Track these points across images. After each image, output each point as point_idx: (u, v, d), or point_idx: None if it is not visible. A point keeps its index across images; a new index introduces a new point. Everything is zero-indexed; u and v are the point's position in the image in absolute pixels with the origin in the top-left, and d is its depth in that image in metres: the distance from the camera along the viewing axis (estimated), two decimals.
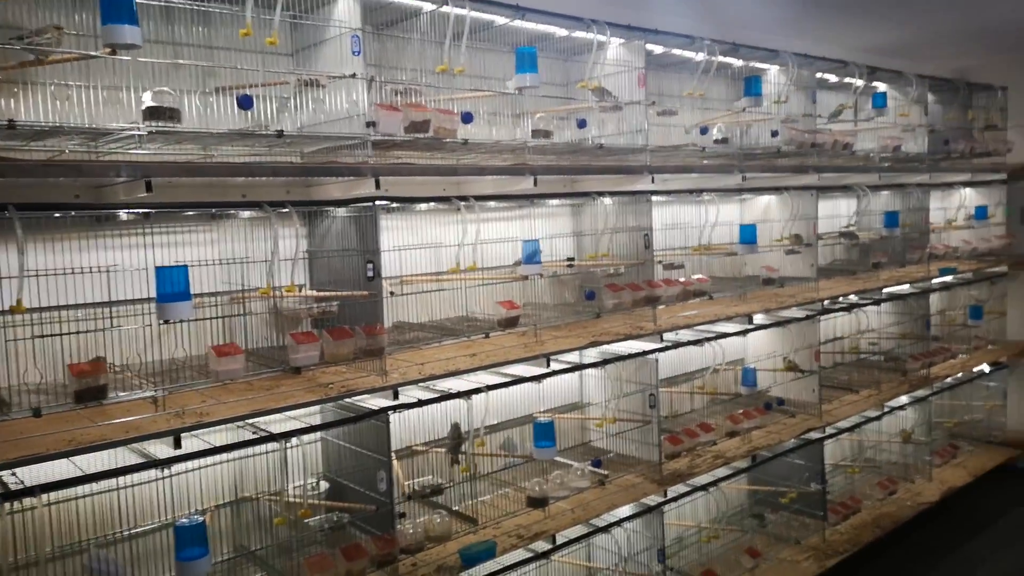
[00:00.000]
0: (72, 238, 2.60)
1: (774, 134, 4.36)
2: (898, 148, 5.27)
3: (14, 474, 2.18)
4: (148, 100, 2.32)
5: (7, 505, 1.99)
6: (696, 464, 3.82)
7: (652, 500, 3.60)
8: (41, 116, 2.41)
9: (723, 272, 4.91)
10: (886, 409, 5.13)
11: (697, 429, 3.88)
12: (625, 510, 3.51)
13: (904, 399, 5.31)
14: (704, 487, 3.91)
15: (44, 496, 2.05)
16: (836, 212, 5.50)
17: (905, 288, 5.37)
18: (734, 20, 4.78)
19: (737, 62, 4.46)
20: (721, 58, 4.05)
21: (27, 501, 2.04)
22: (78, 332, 2.52)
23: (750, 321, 4.14)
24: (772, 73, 4.68)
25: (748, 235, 4.19)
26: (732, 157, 4.27)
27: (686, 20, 4.51)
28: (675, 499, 3.74)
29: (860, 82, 5.08)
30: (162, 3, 2.62)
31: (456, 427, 3.12)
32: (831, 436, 4.66)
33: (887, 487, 5.11)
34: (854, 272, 5.36)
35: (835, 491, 4.99)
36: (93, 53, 2.28)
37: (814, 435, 4.48)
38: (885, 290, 5.18)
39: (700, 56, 3.97)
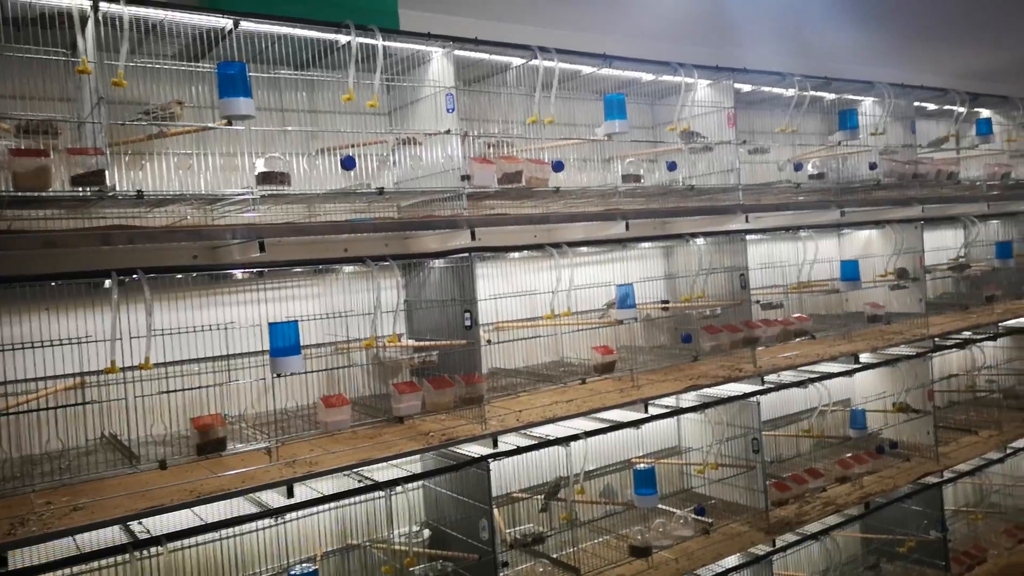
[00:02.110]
0: (191, 296, 2.77)
1: (872, 166, 4.23)
2: (1007, 175, 5.02)
3: (141, 523, 2.30)
4: (261, 166, 2.46)
5: (136, 553, 2.10)
6: (805, 511, 3.66)
7: (760, 549, 3.46)
8: (164, 185, 2.59)
9: (824, 310, 4.75)
10: (1009, 451, 4.79)
11: (805, 475, 3.73)
12: (732, 560, 3.39)
13: None
14: (815, 535, 3.73)
15: (168, 544, 2.15)
16: (943, 244, 5.25)
17: (1023, 322, 5.05)
18: (825, 53, 4.70)
19: (830, 95, 4.37)
20: (813, 92, 3.98)
21: (153, 549, 2.14)
22: (200, 387, 2.66)
23: (856, 360, 3.98)
24: (867, 104, 4.56)
25: (850, 271, 4.05)
26: (829, 192, 4.17)
27: (776, 56, 4.46)
28: (784, 548, 3.58)
29: (962, 109, 4.88)
30: (271, 75, 2.79)
31: (559, 480, 3.11)
32: (950, 480, 4.39)
33: (1015, 535, 4.75)
34: (966, 306, 5.08)
35: (957, 539, 4.68)
36: (211, 125, 2.45)
37: (931, 479, 4.23)
38: (1001, 324, 4.89)
39: (791, 92, 3.92)
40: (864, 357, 4.07)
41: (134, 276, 2.27)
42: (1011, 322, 4.95)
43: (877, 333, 4.34)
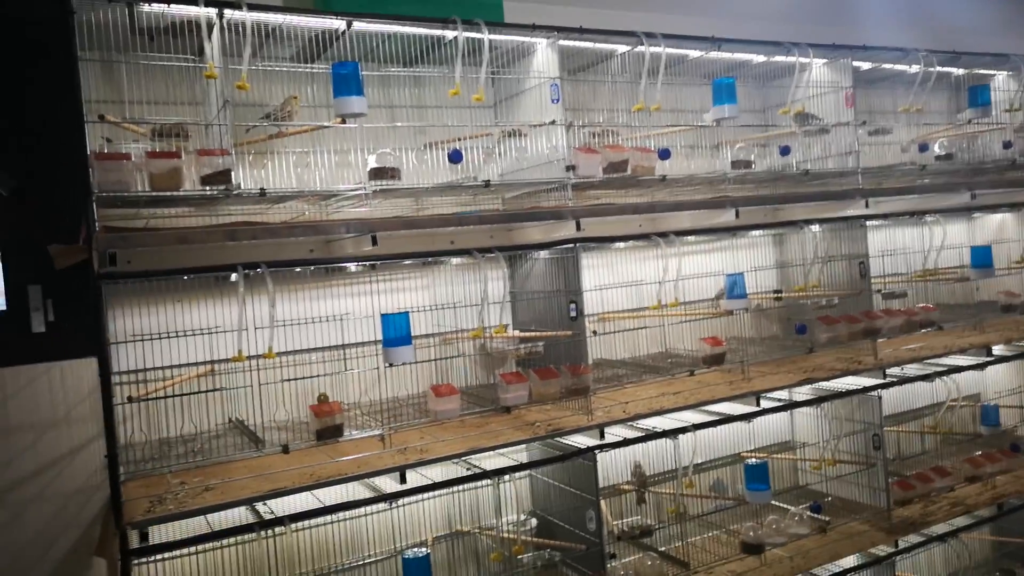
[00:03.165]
0: (308, 288, 2.89)
1: (1007, 145, 3.94)
2: None
3: (265, 503, 2.43)
4: (373, 162, 2.54)
5: (262, 532, 2.22)
6: (930, 512, 3.47)
7: (881, 550, 3.31)
8: (284, 182, 2.71)
9: (952, 300, 4.46)
10: None
11: (930, 473, 3.53)
12: (850, 560, 3.26)
13: None
14: (941, 537, 3.53)
15: (292, 525, 2.26)
16: None
17: None
18: (953, 26, 4.40)
19: (958, 71, 4.09)
20: (939, 68, 3.73)
21: (278, 529, 2.26)
22: (318, 376, 2.78)
23: (989, 353, 3.73)
24: (1000, 80, 4.24)
25: (982, 257, 3.78)
26: (958, 174, 3.91)
27: (898, 32, 4.21)
28: (907, 550, 3.40)
29: None
30: (381, 73, 2.86)
31: (638, 466, 3.08)
32: None
33: None
34: None
35: None
36: (326, 124, 2.54)
37: None
38: None
39: (915, 68, 3.69)
40: (997, 349, 3.81)
41: (258, 269, 2.39)
42: None
43: (1012, 323, 4.04)
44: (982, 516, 3.72)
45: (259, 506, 2.44)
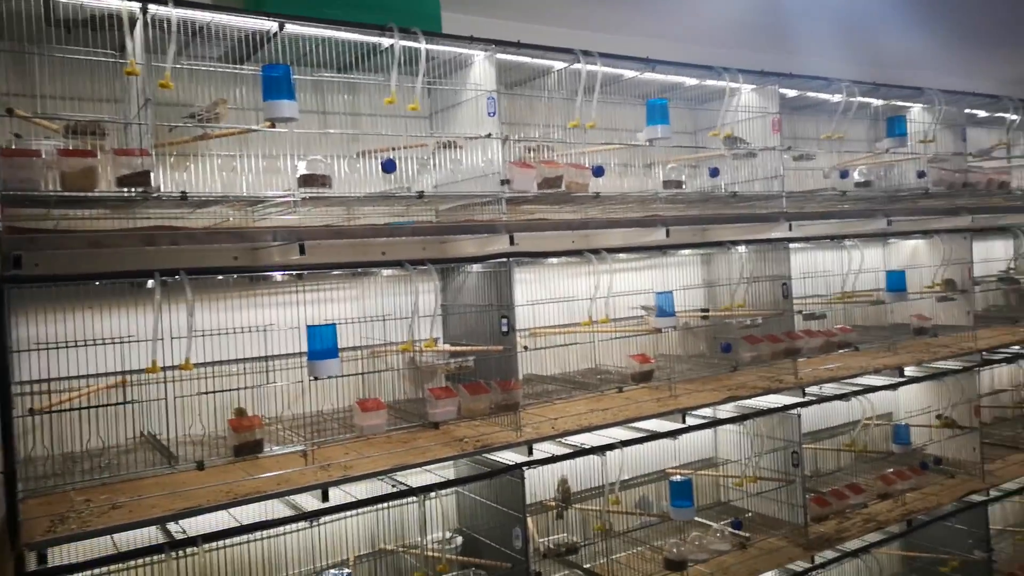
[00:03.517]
0: (231, 297, 2.78)
1: (921, 175, 4.12)
2: None
3: (177, 523, 2.31)
4: (303, 168, 2.46)
5: (172, 553, 2.11)
6: (845, 527, 3.58)
7: (798, 566, 3.38)
8: (208, 186, 2.61)
9: (868, 322, 4.64)
10: None
11: (845, 490, 3.64)
12: None
13: None
14: (855, 552, 3.63)
15: (204, 545, 2.15)
16: (992, 255, 5.10)
17: None
18: (874, 58, 4.60)
19: (877, 102, 4.27)
20: (861, 99, 3.89)
21: (189, 549, 2.15)
22: (237, 389, 2.68)
23: (901, 374, 3.88)
24: (916, 111, 4.45)
25: (896, 282, 3.94)
26: (875, 200, 4.07)
27: (823, 61, 4.37)
28: (823, 565, 3.49)
29: (1015, 116, 4.73)
30: (314, 77, 2.79)
31: (564, 482, 3.08)
32: (996, 499, 4.25)
33: None
34: (1016, 320, 4.93)
35: (1002, 559, 4.53)
36: (255, 127, 2.46)
37: (976, 498, 4.10)
38: None
39: (838, 97, 3.83)
40: (909, 370, 3.96)
41: (176, 277, 2.28)
42: None
43: (923, 346, 4.23)
44: (892, 532, 3.85)
45: (171, 525, 2.31)
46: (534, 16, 3.53)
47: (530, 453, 2.79)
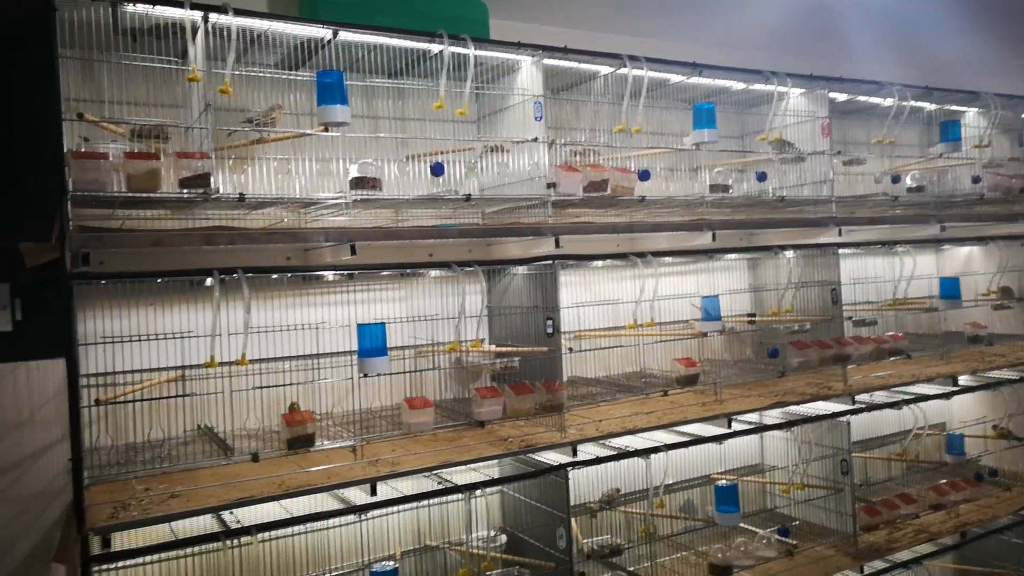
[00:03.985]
0: (284, 296, 2.87)
1: (975, 180, 4.03)
2: None
3: (232, 512, 2.39)
4: (354, 171, 2.53)
5: (228, 541, 2.18)
6: (896, 538, 3.50)
7: (846, 575, 3.33)
8: (263, 189, 2.70)
9: (921, 329, 4.54)
10: None
11: (896, 500, 3.57)
12: None
13: None
14: (905, 564, 3.56)
15: (259, 535, 2.22)
16: None
17: None
18: (928, 63, 4.52)
19: (930, 106, 4.19)
20: (913, 103, 3.83)
21: (244, 539, 2.22)
22: (291, 384, 2.76)
23: (955, 383, 3.79)
24: (971, 116, 4.36)
25: (950, 289, 3.86)
26: (928, 206, 4.00)
27: (874, 66, 4.31)
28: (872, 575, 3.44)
29: None
30: (365, 83, 2.87)
31: (616, 491, 3.09)
32: None
33: None
34: None
35: None
36: (309, 131, 2.54)
37: None
38: None
39: (889, 101, 3.77)
40: (963, 379, 3.87)
41: (234, 275, 2.36)
42: None
43: (977, 354, 4.13)
44: (945, 544, 3.76)
45: (225, 515, 2.39)
46: (580, 22, 3.56)
47: (574, 454, 2.81)
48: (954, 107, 4.28)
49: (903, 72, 4.24)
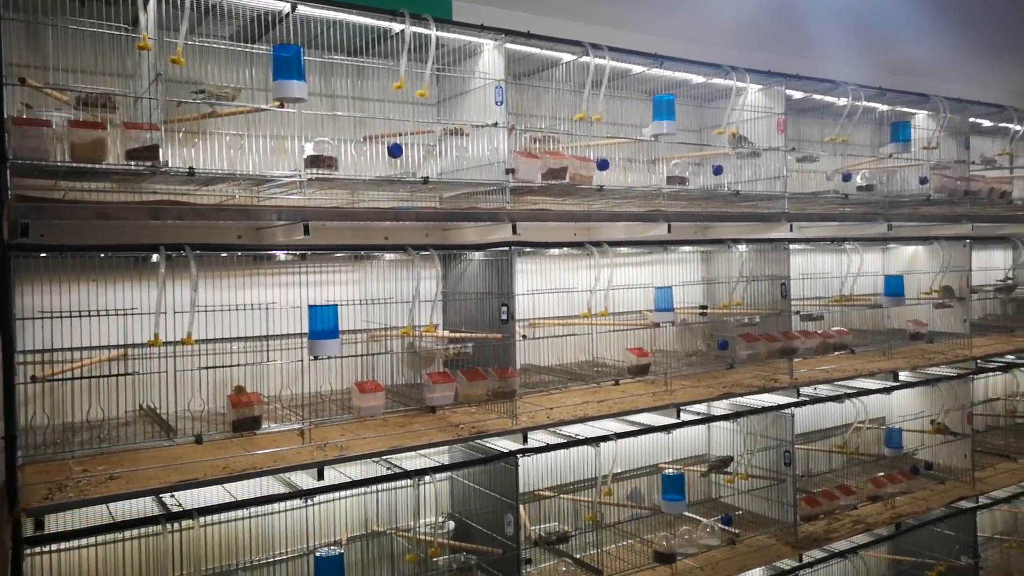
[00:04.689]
0: (234, 275, 2.80)
1: (923, 181, 4.14)
2: None
3: (173, 496, 2.33)
4: (310, 149, 2.48)
5: (168, 525, 2.13)
6: (834, 528, 3.60)
7: (786, 564, 3.41)
8: (215, 164, 2.62)
9: (865, 325, 4.66)
10: None
11: (836, 491, 3.67)
12: (757, 573, 3.35)
13: None
14: (842, 553, 3.66)
15: (200, 518, 2.17)
16: (991, 264, 5.12)
17: None
18: (881, 64, 4.62)
19: (882, 107, 4.28)
20: (866, 103, 3.90)
21: (184, 522, 2.17)
22: (238, 365, 2.70)
23: (895, 378, 3.91)
24: (920, 118, 4.46)
25: (894, 287, 3.96)
26: (877, 205, 4.09)
27: (831, 64, 4.38)
28: (810, 564, 3.52)
29: (1019, 127, 4.75)
30: (323, 59, 2.81)
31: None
32: (985, 506, 4.28)
33: None
34: (1012, 329, 4.96)
35: (989, 567, 4.56)
36: (263, 106, 2.47)
37: (966, 504, 4.13)
38: None
39: (843, 101, 3.84)
40: (903, 375, 3.99)
41: (181, 252, 2.30)
42: None
43: (918, 351, 4.25)
44: (881, 535, 3.88)
45: (166, 498, 2.33)
46: (544, 8, 3.54)
47: (525, 441, 2.82)
48: (905, 109, 4.38)
49: (858, 73, 4.32)
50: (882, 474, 3.94)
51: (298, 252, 2.73)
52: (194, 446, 2.37)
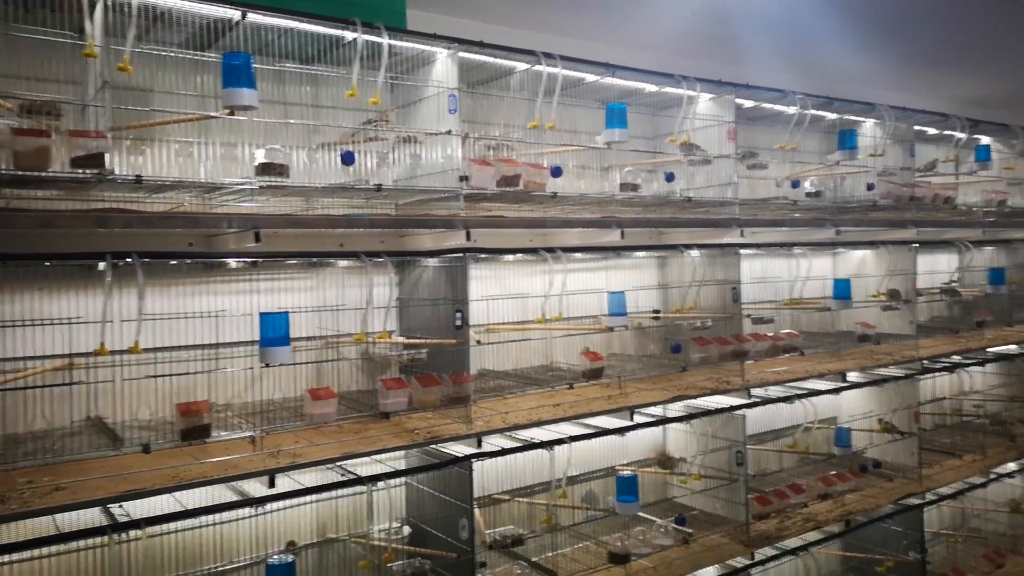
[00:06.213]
0: (184, 284, 2.78)
1: (870, 187, 4.26)
2: (1003, 202, 5.05)
3: (121, 506, 2.31)
4: (261, 157, 2.48)
5: (114, 536, 2.11)
6: (785, 526, 3.68)
7: (738, 562, 3.48)
8: (164, 171, 2.61)
9: (815, 328, 4.77)
10: (992, 476, 4.81)
11: (787, 490, 3.75)
12: (710, 571, 3.41)
13: (1012, 466, 4.97)
14: (794, 551, 3.75)
15: (147, 529, 2.16)
16: (936, 268, 5.28)
17: (1012, 348, 5.08)
18: (828, 73, 4.74)
19: (831, 115, 4.40)
20: (814, 111, 4.01)
21: (132, 533, 2.15)
22: (186, 373, 2.68)
23: (844, 379, 4.01)
24: (867, 126, 4.59)
25: (842, 290, 4.07)
26: (825, 210, 4.19)
27: (778, 74, 4.49)
28: (762, 562, 3.60)
29: (962, 135, 4.91)
30: (276, 67, 2.81)
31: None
32: (932, 503, 4.41)
33: (994, 560, 4.78)
34: (956, 330, 5.11)
35: (936, 561, 4.70)
36: (213, 114, 2.47)
37: (913, 501, 4.25)
38: (990, 350, 4.92)
39: (792, 109, 3.94)
40: (852, 376, 4.09)
41: (128, 260, 2.28)
42: (1000, 348, 4.98)
43: (866, 353, 4.37)
44: (831, 532, 3.98)
45: (114, 508, 2.31)
46: (499, 17, 3.57)
47: (479, 445, 2.85)
48: (852, 117, 4.50)
49: (807, 83, 4.44)
50: (832, 473, 4.04)
51: (249, 260, 2.73)
52: (142, 456, 2.35)
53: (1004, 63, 4.69)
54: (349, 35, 2.70)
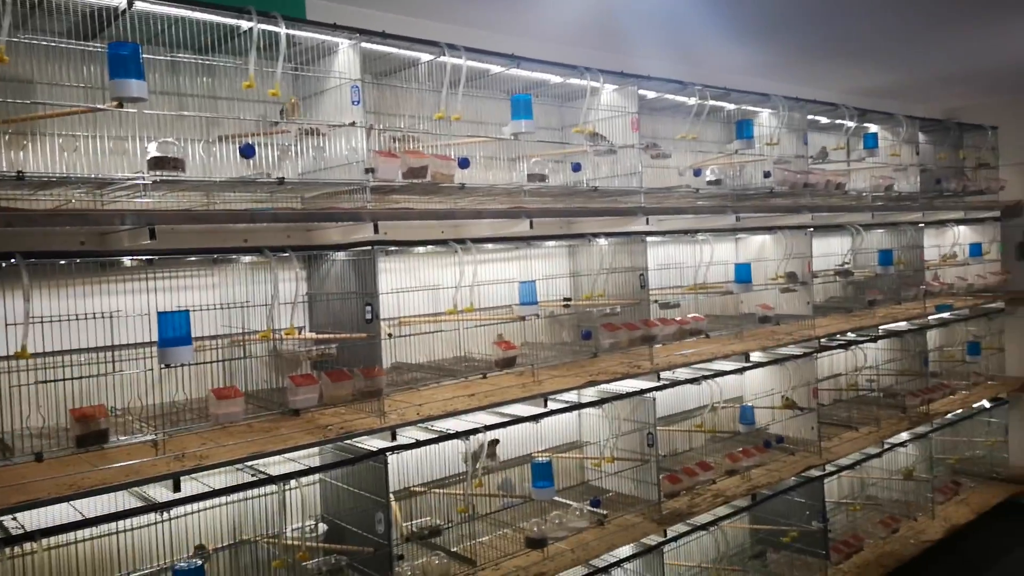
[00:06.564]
0: (77, 284, 2.66)
1: (767, 175, 4.44)
2: (890, 187, 5.35)
3: (15, 519, 2.20)
4: (153, 151, 2.39)
5: (7, 550, 2.01)
6: (696, 503, 3.82)
7: (652, 540, 3.59)
8: (48, 167, 2.48)
9: (719, 311, 4.95)
10: (886, 446, 5.12)
11: (696, 468, 3.89)
12: (625, 550, 3.50)
13: (904, 436, 5.30)
14: (704, 526, 3.89)
15: (44, 541, 2.06)
16: (830, 251, 5.55)
17: (902, 325, 5.41)
18: (718, 66, 4.90)
19: (729, 106, 4.56)
20: (713, 102, 4.15)
21: (27, 546, 2.05)
22: (79, 377, 2.56)
23: (747, 359, 4.17)
24: (764, 116, 4.78)
25: (743, 274, 4.24)
26: (726, 198, 4.35)
27: (680, 66, 4.63)
28: (675, 539, 3.72)
29: (851, 123, 5.18)
30: (168, 58, 2.71)
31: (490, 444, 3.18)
32: (831, 474, 4.65)
33: (890, 525, 5.08)
34: (850, 309, 5.40)
35: (837, 529, 4.96)
36: (100, 106, 2.36)
37: (814, 473, 4.47)
38: (882, 327, 5.22)
39: (692, 100, 4.07)
40: (754, 356, 4.27)
41: (12, 261, 2.17)
42: (890, 325, 5.29)
43: (767, 333, 4.56)
44: (739, 506, 4.15)
45: (6, 521, 2.20)
46: (402, 7, 3.55)
47: (394, 438, 2.83)
48: (749, 107, 4.68)
49: (706, 75, 4.58)
50: (738, 449, 4.20)
51: (144, 257, 2.63)
52: (35, 464, 2.24)
53: (889, 55, 4.96)
54: (245, 24, 2.63)
